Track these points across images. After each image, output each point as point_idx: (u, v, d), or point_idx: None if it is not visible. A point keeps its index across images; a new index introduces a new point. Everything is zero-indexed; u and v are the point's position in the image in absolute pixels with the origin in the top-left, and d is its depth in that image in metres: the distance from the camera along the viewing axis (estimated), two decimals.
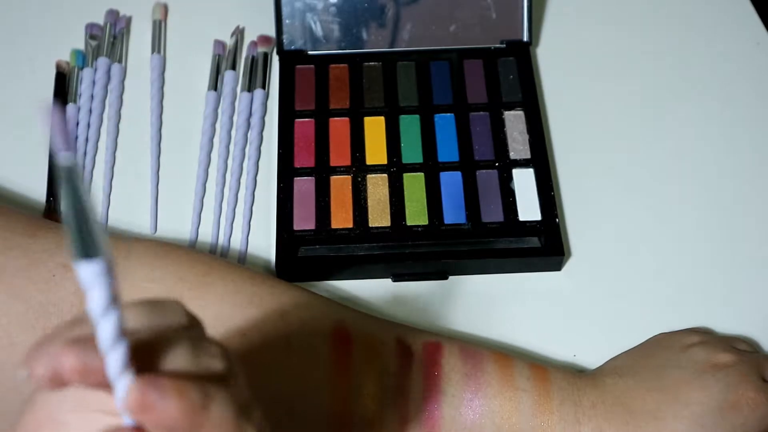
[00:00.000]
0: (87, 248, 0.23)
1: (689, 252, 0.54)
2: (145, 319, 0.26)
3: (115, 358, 0.24)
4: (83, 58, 0.61)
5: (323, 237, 0.53)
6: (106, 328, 0.24)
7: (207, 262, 0.46)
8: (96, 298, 0.23)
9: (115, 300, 0.23)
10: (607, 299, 0.52)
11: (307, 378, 0.43)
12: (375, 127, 0.57)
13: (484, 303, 0.52)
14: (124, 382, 0.24)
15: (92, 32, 0.62)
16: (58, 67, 0.60)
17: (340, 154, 0.56)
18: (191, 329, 0.27)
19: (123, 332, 0.24)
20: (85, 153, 0.57)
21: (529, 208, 0.54)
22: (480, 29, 0.61)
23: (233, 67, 0.61)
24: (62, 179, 0.22)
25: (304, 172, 0.55)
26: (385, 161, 0.56)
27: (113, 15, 0.63)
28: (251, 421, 0.27)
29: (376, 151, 0.56)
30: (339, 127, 0.57)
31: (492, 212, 0.54)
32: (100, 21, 0.63)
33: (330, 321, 0.45)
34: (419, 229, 0.53)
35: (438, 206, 0.54)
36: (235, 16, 0.64)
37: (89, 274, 0.23)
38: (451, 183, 0.55)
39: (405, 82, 0.59)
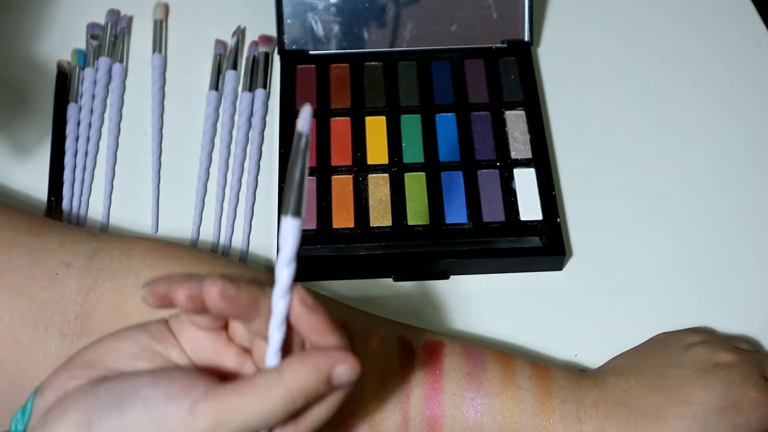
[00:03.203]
0: (296, 207, 0.31)
1: (690, 251, 0.54)
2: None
3: (285, 296, 0.32)
4: (84, 58, 0.61)
5: (324, 237, 0.53)
6: (286, 274, 0.32)
7: (209, 261, 0.46)
8: (287, 249, 0.31)
9: (295, 256, 0.32)
10: (609, 299, 0.52)
11: None
12: (376, 127, 0.57)
13: (485, 302, 0.52)
14: (286, 302, 0.32)
15: (93, 32, 0.62)
16: (60, 66, 0.60)
17: (341, 154, 0.56)
18: None
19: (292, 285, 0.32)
20: (86, 153, 0.57)
21: (530, 208, 0.54)
22: (481, 29, 0.61)
23: (234, 66, 0.61)
24: (298, 148, 0.31)
25: None
26: (386, 161, 0.56)
27: (114, 15, 0.63)
28: None
29: (377, 151, 0.56)
30: (340, 127, 0.57)
31: (493, 212, 0.54)
32: (102, 21, 0.63)
33: None
34: (420, 228, 0.53)
35: (439, 206, 0.54)
36: (236, 16, 0.64)
37: (289, 227, 0.31)
38: (452, 183, 0.55)
39: (406, 82, 0.59)
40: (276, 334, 0.32)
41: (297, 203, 0.31)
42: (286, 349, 0.33)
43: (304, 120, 0.31)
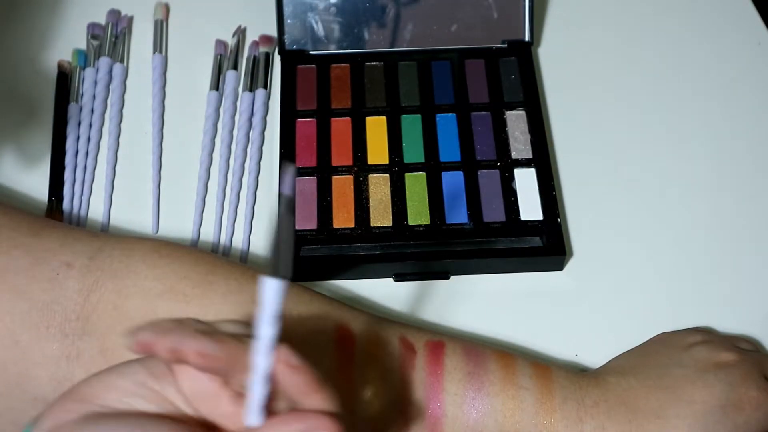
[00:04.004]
0: (278, 268, 0.30)
1: (691, 251, 0.55)
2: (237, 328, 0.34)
3: (268, 356, 0.31)
4: (85, 58, 0.61)
5: (325, 237, 0.53)
6: (267, 332, 0.31)
7: (209, 261, 0.46)
8: (269, 308, 0.31)
9: (278, 316, 0.31)
10: (609, 299, 0.53)
11: None
12: (377, 127, 0.57)
13: (486, 302, 0.52)
14: (269, 361, 0.31)
15: (94, 32, 0.62)
16: (60, 66, 0.60)
17: (341, 154, 0.56)
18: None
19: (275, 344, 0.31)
20: (87, 153, 0.57)
21: (530, 208, 0.54)
22: (481, 29, 0.61)
23: (235, 66, 0.61)
24: (283, 210, 0.31)
25: (305, 171, 0.55)
26: (386, 161, 0.56)
27: (115, 15, 0.63)
28: None
29: (377, 151, 0.56)
30: (341, 127, 0.57)
31: (494, 212, 0.54)
32: (102, 21, 0.63)
33: (332, 320, 0.45)
34: (421, 228, 0.53)
35: (440, 206, 0.54)
36: (236, 16, 0.64)
37: (271, 288, 0.31)
38: (452, 183, 0.55)
39: (406, 82, 0.59)
40: (256, 391, 0.31)
41: (279, 264, 0.31)
42: (273, 401, 0.32)
43: (288, 183, 0.31)
